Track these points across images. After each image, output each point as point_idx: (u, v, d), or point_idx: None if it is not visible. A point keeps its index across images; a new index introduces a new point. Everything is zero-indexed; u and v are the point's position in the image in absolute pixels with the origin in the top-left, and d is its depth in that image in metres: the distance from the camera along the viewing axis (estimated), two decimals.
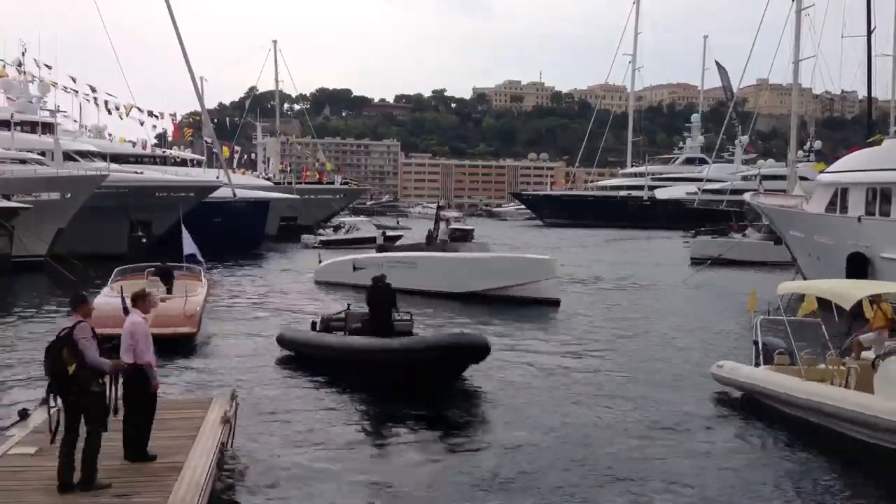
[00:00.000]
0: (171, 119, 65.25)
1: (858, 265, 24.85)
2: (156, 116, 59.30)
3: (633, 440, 11.40)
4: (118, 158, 48.42)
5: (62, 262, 30.52)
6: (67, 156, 41.85)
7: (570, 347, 18.61)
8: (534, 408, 13.02)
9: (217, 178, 50.40)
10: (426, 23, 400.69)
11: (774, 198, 35.67)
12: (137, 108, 55.06)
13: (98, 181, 37.38)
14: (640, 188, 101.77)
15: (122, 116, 54.20)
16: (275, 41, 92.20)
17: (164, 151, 61.90)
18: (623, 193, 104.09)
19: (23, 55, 47.57)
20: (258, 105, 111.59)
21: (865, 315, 13.21)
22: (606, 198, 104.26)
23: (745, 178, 78.72)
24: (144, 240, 39.71)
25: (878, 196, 25.53)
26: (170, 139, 76.74)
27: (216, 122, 78.64)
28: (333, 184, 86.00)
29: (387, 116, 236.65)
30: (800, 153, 55.52)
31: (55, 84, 49.30)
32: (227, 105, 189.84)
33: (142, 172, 46.39)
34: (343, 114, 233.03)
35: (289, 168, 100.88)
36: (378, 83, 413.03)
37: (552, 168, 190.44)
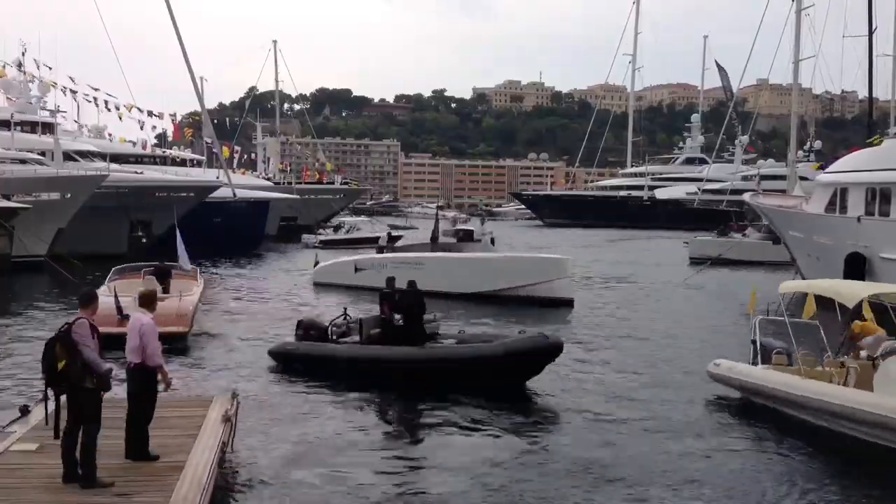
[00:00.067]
0: (171, 119, 65.19)
1: (856, 265, 24.80)
2: (156, 116, 59.26)
3: (634, 440, 11.43)
4: (118, 158, 48.41)
5: (62, 262, 30.52)
6: (67, 156, 41.83)
7: (589, 345, 18.63)
8: (536, 407, 13.04)
9: (217, 178, 50.42)
10: (426, 23, 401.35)
11: (774, 198, 35.69)
12: (137, 108, 54.95)
13: (98, 181, 37.40)
14: (640, 188, 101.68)
15: (122, 117, 54.19)
16: (275, 41, 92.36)
17: (164, 151, 61.84)
18: (623, 193, 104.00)
19: (23, 55, 47.57)
20: (258, 105, 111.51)
21: (864, 316, 13.20)
22: (606, 198, 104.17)
23: (745, 178, 78.53)
24: (144, 240, 39.69)
25: (878, 196, 25.49)
26: (170, 139, 76.62)
27: (216, 122, 78.46)
28: (333, 184, 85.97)
29: (387, 116, 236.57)
30: (800, 153, 55.44)
31: (55, 84, 49.22)
32: (227, 105, 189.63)
33: (142, 172, 46.41)
34: (343, 114, 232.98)
35: (289, 168, 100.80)
36: (378, 83, 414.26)
37: (552, 168, 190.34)
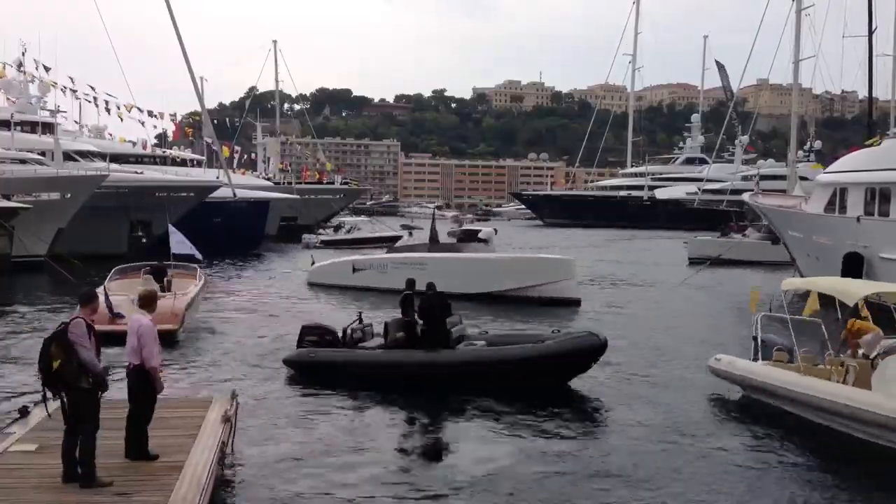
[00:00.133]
0: (171, 119, 65.13)
1: (854, 265, 24.84)
2: (156, 116, 59.28)
3: (634, 439, 11.44)
4: (118, 158, 48.45)
5: (62, 263, 30.51)
6: (67, 156, 41.85)
7: None
8: (536, 407, 13.05)
9: (217, 178, 50.48)
10: (426, 23, 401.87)
11: (773, 198, 35.70)
12: (137, 108, 55.00)
13: (98, 181, 37.41)
14: (640, 188, 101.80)
15: (122, 117, 54.19)
16: (275, 41, 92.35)
17: (164, 151, 61.84)
18: (623, 193, 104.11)
19: (23, 55, 47.57)
20: (258, 105, 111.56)
21: (861, 314, 13.22)
22: (606, 198, 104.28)
23: (745, 178, 78.50)
24: (144, 240, 39.72)
25: (877, 196, 25.51)
26: (170, 139, 76.69)
27: (216, 122, 78.51)
28: (333, 184, 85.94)
29: (387, 116, 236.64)
30: (800, 153, 55.48)
31: (55, 84, 49.26)
32: (227, 105, 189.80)
33: (142, 172, 46.41)
34: (343, 114, 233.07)
35: (289, 168, 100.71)
36: (378, 83, 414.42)
37: (552, 168, 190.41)
